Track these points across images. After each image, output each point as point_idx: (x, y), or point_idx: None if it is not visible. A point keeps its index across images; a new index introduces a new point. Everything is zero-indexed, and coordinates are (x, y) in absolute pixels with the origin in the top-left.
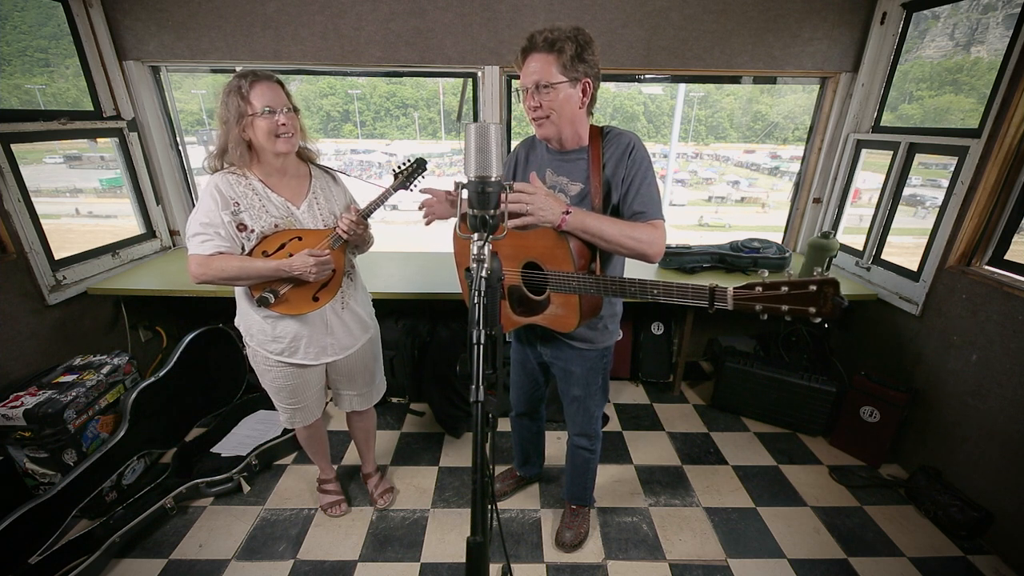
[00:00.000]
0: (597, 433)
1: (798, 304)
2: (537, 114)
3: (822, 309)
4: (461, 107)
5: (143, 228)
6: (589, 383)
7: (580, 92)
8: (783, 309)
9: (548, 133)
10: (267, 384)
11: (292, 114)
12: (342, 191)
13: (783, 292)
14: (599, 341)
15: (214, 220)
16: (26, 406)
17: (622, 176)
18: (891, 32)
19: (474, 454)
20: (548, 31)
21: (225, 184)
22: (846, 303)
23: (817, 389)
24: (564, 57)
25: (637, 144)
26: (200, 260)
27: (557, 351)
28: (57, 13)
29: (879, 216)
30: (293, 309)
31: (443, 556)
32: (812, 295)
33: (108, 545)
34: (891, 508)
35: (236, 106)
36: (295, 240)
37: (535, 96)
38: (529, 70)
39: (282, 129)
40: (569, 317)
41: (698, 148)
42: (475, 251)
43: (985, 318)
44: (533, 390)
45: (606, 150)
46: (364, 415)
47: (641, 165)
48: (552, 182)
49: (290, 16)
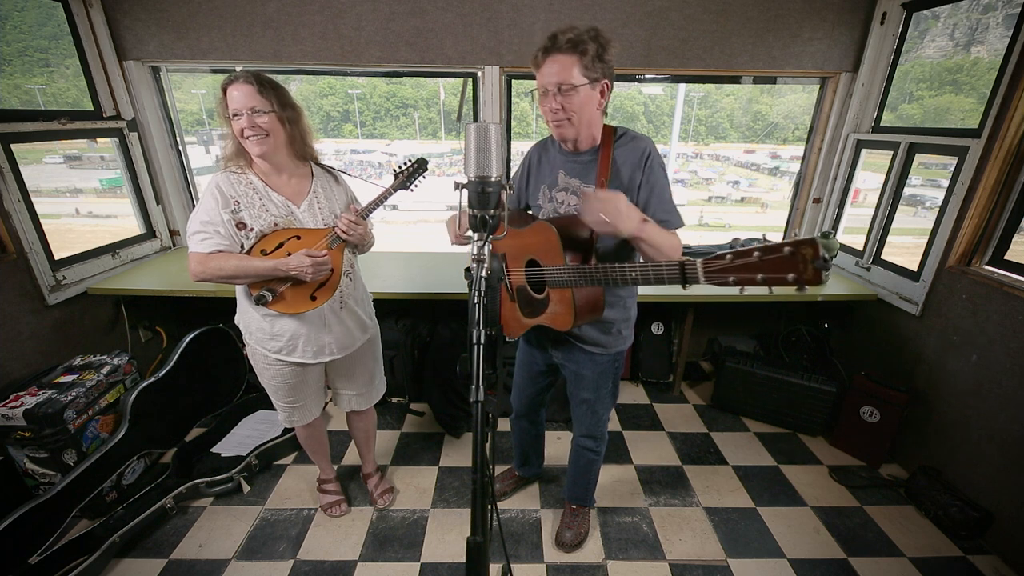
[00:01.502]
0: (603, 435)
1: (774, 272)
2: (558, 116)
3: (802, 275)
4: (461, 107)
5: (143, 228)
6: (599, 387)
7: (599, 93)
8: (758, 278)
9: (567, 134)
10: (265, 382)
11: (263, 116)
12: (343, 191)
13: (755, 259)
14: (611, 346)
15: (214, 218)
16: (26, 406)
17: (639, 183)
18: (891, 32)
19: (474, 454)
20: (570, 31)
21: (226, 182)
22: (830, 264)
23: (817, 389)
24: (586, 58)
25: (653, 151)
26: (199, 258)
27: (569, 354)
28: (57, 13)
29: (879, 216)
30: (290, 308)
31: (443, 556)
32: (788, 259)
33: (108, 545)
34: (891, 508)
35: (222, 106)
36: (293, 239)
37: (556, 98)
38: (551, 71)
39: (247, 132)
40: (565, 314)
41: (698, 148)
42: (475, 251)
43: (985, 318)
44: (536, 393)
45: (618, 153)
46: (364, 415)
47: (660, 173)
48: (565, 184)
49: (290, 16)
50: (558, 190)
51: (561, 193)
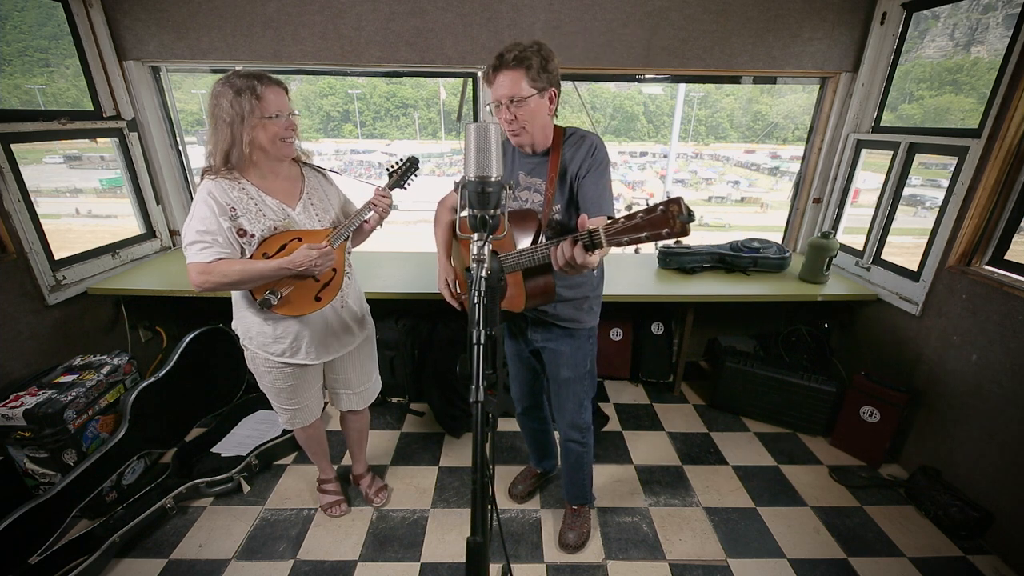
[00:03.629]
0: (587, 424)
1: (653, 229)
2: (513, 127)
3: (673, 228)
4: (461, 107)
5: (143, 228)
6: (578, 364)
7: (548, 100)
8: (643, 236)
9: (523, 141)
10: (266, 386)
11: (295, 117)
12: (336, 190)
13: (639, 220)
14: (585, 321)
15: (211, 227)
16: (26, 406)
17: (583, 171)
18: (891, 32)
19: (474, 454)
20: (515, 49)
21: (219, 190)
22: (692, 217)
23: (817, 389)
24: (532, 71)
25: (599, 146)
26: (201, 267)
27: (547, 332)
28: (57, 13)
29: (879, 216)
30: (296, 310)
31: (443, 556)
32: (661, 217)
33: (108, 545)
34: (891, 508)
35: (248, 107)
36: (295, 241)
37: (509, 109)
38: (501, 86)
39: (288, 134)
40: (518, 296)
41: (698, 148)
42: (475, 251)
43: (985, 318)
44: (532, 380)
45: (566, 151)
46: (359, 414)
47: (601, 161)
48: (526, 183)
49: (290, 16)
50: (520, 189)
51: (524, 192)
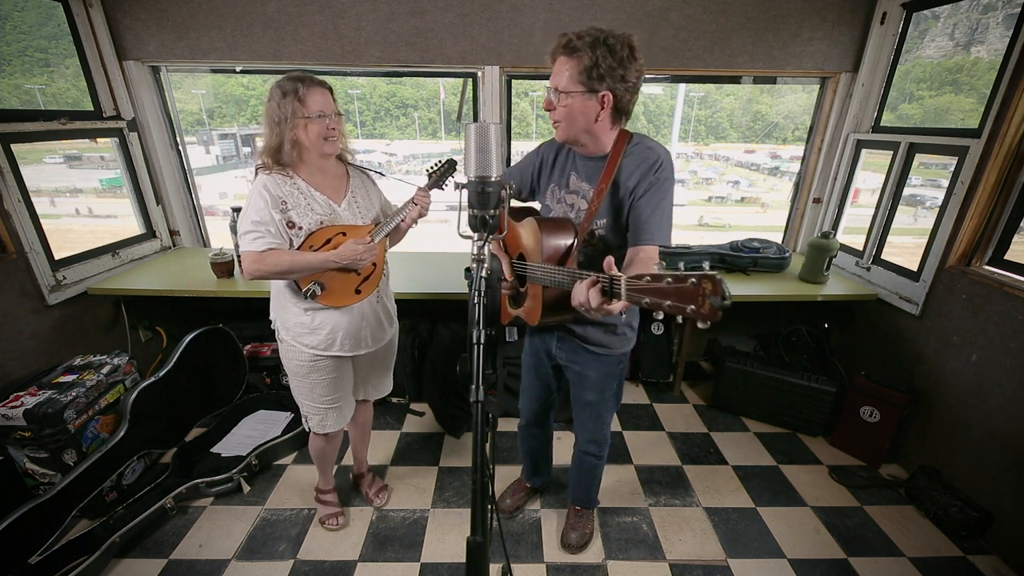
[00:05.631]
0: (606, 439)
1: (678, 301)
2: (551, 116)
3: (700, 308)
4: (461, 107)
5: (143, 228)
6: (603, 388)
7: (599, 104)
8: (665, 305)
9: (561, 137)
10: (302, 382)
11: (339, 118)
12: (377, 190)
13: (665, 285)
14: (616, 347)
15: (264, 218)
16: (26, 406)
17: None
18: (891, 32)
19: (474, 454)
20: (574, 35)
21: (273, 184)
22: (727, 304)
23: (817, 389)
24: (583, 65)
25: (666, 162)
26: (254, 256)
27: (573, 354)
28: (57, 13)
29: (879, 216)
30: (337, 301)
31: (443, 556)
32: (692, 290)
33: (108, 545)
34: (891, 508)
35: (291, 108)
36: (339, 236)
37: (554, 97)
38: (553, 71)
39: (331, 133)
40: (534, 309)
41: (698, 148)
42: (475, 251)
43: (985, 318)
44: (545, 396)
45: (625, 161)
46: (366, 407)
47: (666, 187)
48: (575, 187)
49: (290, 16)
50: (568, 192)
51: (572, 196)
